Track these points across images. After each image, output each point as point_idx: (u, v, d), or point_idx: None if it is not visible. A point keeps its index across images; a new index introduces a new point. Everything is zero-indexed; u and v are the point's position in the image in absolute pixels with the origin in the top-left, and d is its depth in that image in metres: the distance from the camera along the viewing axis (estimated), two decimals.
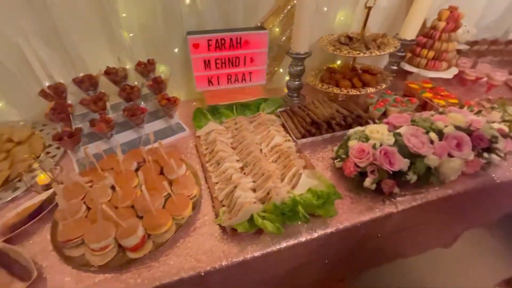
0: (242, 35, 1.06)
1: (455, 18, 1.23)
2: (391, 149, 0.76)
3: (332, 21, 1.26)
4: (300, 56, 1.08)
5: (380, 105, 1.12)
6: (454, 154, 0.80)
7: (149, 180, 0.78)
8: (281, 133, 1.02)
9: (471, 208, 0.97)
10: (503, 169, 0.92)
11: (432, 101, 1.16)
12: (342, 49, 1.10)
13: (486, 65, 1.40)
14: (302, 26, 1.01)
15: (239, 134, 0.99)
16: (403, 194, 0.82)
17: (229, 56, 1.11)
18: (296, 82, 1.18)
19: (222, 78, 1.16)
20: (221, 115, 1.10)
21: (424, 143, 0.79)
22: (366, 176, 0.79)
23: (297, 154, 0.93)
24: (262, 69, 1.19)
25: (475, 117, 0.88)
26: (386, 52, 1.08)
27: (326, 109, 1.05)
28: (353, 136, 0.84)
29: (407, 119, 0.86)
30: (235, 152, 0.95)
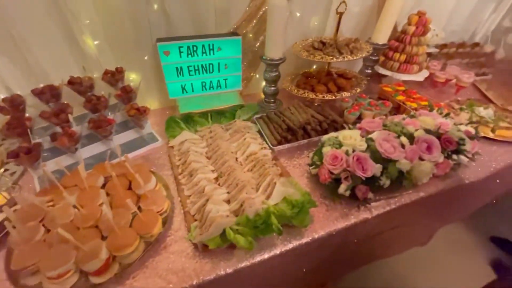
0: (214, 41, 1.04)
1: (423, 23, 1.26)
2: (363, 155, 0.76)
3: (306, 26, 1.26)
4: (274, 62, 1.07)
5: (355, 109, 1.13)
6: (425, 157, 0.81)
7: (117, 196, 0.73)
8: (257, 140, 1.00)
9: (443, 207, 0.99)
10: (472, 169, 0.95)
11: (405, 104, 1.18)
12: (316, 54, 1.10)
13: (455, 67, 1.45)
14: (274, 32, 1.00)
15: (214, 143, 0.97)
16: (377, 199, 0.82)
17: (202, 63, 1.08)
18: (272, 88, 1.17)
19: (196, 85, 1.13)
20: (196, 123, 1.07)
21: (396, 147, 0.80)
22: (341, 182, 0.79)
23: (272, 162, 0.92)
24: (238, 75, 1.17)
25: (443, 120, 0.90)
26: (358, 57, 1.09)
27: (302, 115, 1.04)
28: (327, 142, 0.84)
29: (379, 124, 0.87)
30: (210, 162, 0.92)
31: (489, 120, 1.13)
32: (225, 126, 1.07)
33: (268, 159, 0.91)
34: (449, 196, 0.92)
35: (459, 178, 0.91)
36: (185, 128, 1.03)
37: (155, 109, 1.24)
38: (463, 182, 0.92)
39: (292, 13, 1.15)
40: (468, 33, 1.78)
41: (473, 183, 0.93)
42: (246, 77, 1.29)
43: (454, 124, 0.91)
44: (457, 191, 0.93)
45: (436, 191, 0.87)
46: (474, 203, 1.11)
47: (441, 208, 0.98)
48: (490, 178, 0.96)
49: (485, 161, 0.99)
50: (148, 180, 0.75)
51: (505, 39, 1.76)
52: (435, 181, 0.89)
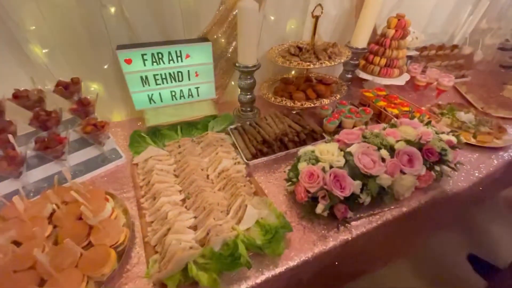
0: (182, 48, 0.96)
1: (402, 26, 1.23)
2: (341, 171, 0.70)
3: (282, 30, 1.20)
4: (248, 70, 1.00)
5: (334, 117, 1.07)
6: (406, 170, 0.76)
7: (64, 229, 0.64)
8: (231, 154, 0.93)
9: (428, 219, 0.95)
10: (455, 179, 0.91)
11: (386, 111, 1.14)
12: (292, 60, 1.04)
13: (435, 70, 1.43)
14: (246, 38, 0.93)
15: (182, 160, 0.88)
16: (358, 217, 0.77)
17: (170, 71, 0.99)
18: (248, 96, 1.10)
19: (165, 95, 1.05)
20: (164, 137, 0.99)
21: (376, 162, 0.74)
22: (318, 201, 0.72)
23: (246, 179, 0.85)
24: (210, 83, 1.09)
25: (425, 129, 0.86)
26: (337, 62, 1.03)
27: (278, 125, 0.98)
28: (303, 158, 0.78)
29: (358, 135, 0.81)
30: (178, 180, 0.84)
31: (470, 125, 1.11)
32: (197, 139, 0.99)
33: (241, 176, 0.84)
34: (433, 207, 0.88)
35: (442, 189, 0.87)
36: (152, 144, 0.94)
37: (122, 120, 1.15)
38: (446, 193, 0.87)
39: (266, 17, 1.08)
40: (447, 35, 1.78)
41: (457, 193, 0.89)
42: (221, 85, 1.21)
43: (435, 133, 0.87)
44: (441, 202, 0.88)
45: (419, 205, 0.83)
46: (459, 211, 1.08)
47: (425, 220, 0.94)
48: (473, 186, 0.93)
49: (468, 169, 0.96)
50: (101, 208, 0.66)
51: (483, 41, 1.77)
52: (418, 194, 0.84)
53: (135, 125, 1.10)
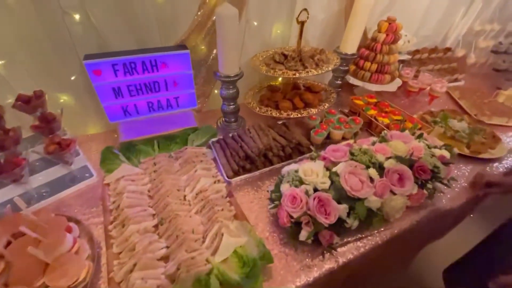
0: (157, 57, 0.89)
1: (393, 30, 1.18)
2: (326, 196, 0.64)
3: (268, 35, 1.13)
4: (230, 79, 0.93)
5: (322, 128, 1.01)
6: (396, 191, 0.71)
7: (16, 267, 0.57)
8: (211, 171, 0.87)
9: (421, 236, 0.90)
10: (448, 195, 0.86)
11: (377, 120, 1.09)
12: (277, 69, 0.97)
13: (428, 75, 1.39)
14: (226, 46, 0.87)
15: (157, 179, 0.82)
16: (345, 242, 0.71)
17: (145, 81, 0.92)
18: (231, 106, 1.04)
19: (141, 107, 0.98)
20: (140, 153, 0.92)
21: (364, 182, 0.69)
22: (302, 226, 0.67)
23: (226, 199, 0.79)
24: (191, 92, 1.02)
25: (416, 144, 0.81)
26: (324, 71, 0.98)
27: (262, 138, 0.92)
28: (286, 178, 0.72)
29: (346, 152, 0.76)
30: (153, 203, 0.77)
31: (464, 135, 1.06)
32: (175, 154, 0.92)
33: (220, 197, 0.78)
34: (427, 225, 0.83)
35: (435, 208, 0.82)
36: (125, 161, 0.87)
37: (98, 133, 1.07)
38: (439, 211, 0.83)
39: (249, 22, 1.02)
40: (440, 37, 1.73)
41: (452, 210, 0.84)
42: (203, 93, 1.14)
43: (427, 148, 0.82)
44: (434, 220, 0.83)
45: (410, 225, 0.78)
46: (454, 224, 1.04)
47: (417, 238, 0.89)
48: (468, 202, 0.88)
49: (462, 183, 0.91)
50: (59, 241, 0.59)
51: (476, 43, 1.73)
52: (409, 213, 0.79)
53: (112, 138, 1.03)
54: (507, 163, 1.02)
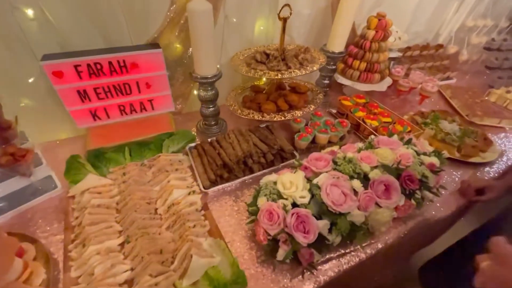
0: (126, 57, 0.81)
1: (383, 26, 1.11)
2: (305, 212, 0.59)
3: (250, 32, 1.06)
4: (206, 81, 0.87)
5: (308, 131, 0.96)
6: (382, 203, 0.66)
7: None
8: (187, 181, 0.80)
9: (407, 248, 0.86)
10: (438, 203, 0.82)
11: (365, 123, 1.03)
12: (258, 69, 0.91)
13: (419, 73, 1.34)
14: (201, 44, 0.80)
15: (126, 191, 0.75)
16: (327, 259, 0.66)
17: (114, 83, 0.85)
18: (210, 108, 0.97)
19: (112, 111, 0.90)
20: (109, 162, 0.85)
21: (347, 195, 0.63)
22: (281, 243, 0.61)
23: (201, 213, 0.73)
24: (166, 94, 0.95)
25: (404, 151, 0.75)
26: (308, 71, 0.91)
27: (242, 144, 0.85)
28: (263, 191, 0.66)
29: (328, 162, 0.70)
30: (120, 218, 0.71)
31: (454, 138, 1.01)
32: (148, 162, 0.86)
33: (194, 210, 0.72)
34: (414, 236, 0.78)
35: (424, 218, 0.78)
36: (92, 171, 0.80)
37: (69, 138, 1.00)
38: (428, 221, 0.78)
39: (228, 18, 0.94)
40: (431, 34, 1.68)
41: (441, 220, 0.80)
42: (182, 94, 1.07)
43: (416, 155, 0.77)
44: (423, 230, 0.79)
45: (397, 237, 0.73)
46: (443, 230, 1.00)
47: (405, 249, 0.84)
48: (458, 210, 0.84)
49: (452, 190, 0.87)
50: (5, 268, 0.53)
51: (468, 40, 1.68)
52: (396, 224, 0.75)
53: (84, 144, 0.95)
54: (498, 167, 0.98)
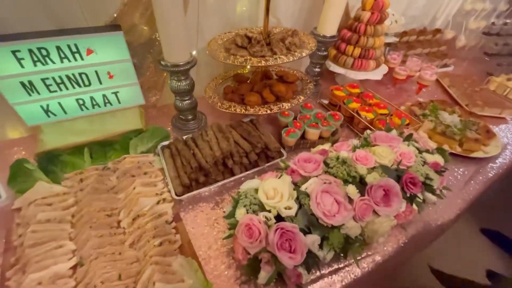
0: (78, 41, 0.68)
1: (380, 7, 1.00)
2: (291, 227, 0.49)
3: (231, 13, 0.93)
4: (179, 69, 0.74)
5: (296, 126, 0.85)
6: (381, 211, 0.57)
7: None
8: (156, 187, 0.70)
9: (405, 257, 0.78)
10: (441, 206, 0.74)
11: (360, 115, 0.94)
12: (238, 55, 0.79)
13: (416, 60, 1.24)
14: (168, 26, 0.67)
15: (83, 201, 0.64)
16: (317, 277, 0.57)
17: (67, 73, 0.71)
18: (185, 101, 0.85)
19: (68, 105, 0.77)
20: (66, 166, 0.72)
21: (341, 203, 0.54)
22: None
23: (171, 225, 0.62)
24: (133, 85, 0.82)
25: (405, 148, 0.66)
26: (296, 57, 0.80)
27: (221, 143, 0.74)
28: (242, 201, 0.55)
29: (319, 163, 0.60)
30: (75, 233, 0.60)
31: (455, 130, 0.93)
32: (113, 165, 0.74)
33: (163, 222, 0.61)
34: (414, 243, 0.70)
35: (425, 223, 0.70)
36: (43, 177, 0.68)
37: (23, 137, 0.86)
38: (430, 226, 0.70)
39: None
40: (428, 18, 1.57)
41: (444, 224, 0.72)
42: (155, 85, 0.94)
43: (418, 152, 0.68)
44: (424, 237, 0.71)
45: (397, 247, 0.65)
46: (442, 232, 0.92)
47: (403, 258, 0.76)
48: (462, 213, 0.76)
49: (455, 191, 0.79)
50: None
51: (466, 24, 1.59)
52: (395, 232, 0.67)
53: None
54: (501, 161, 0.90)
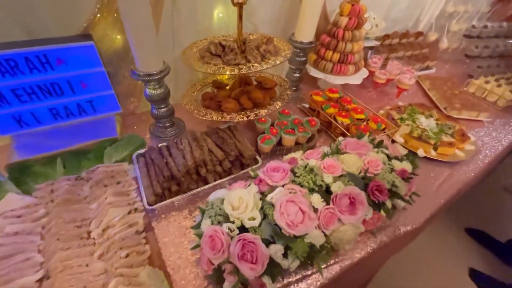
0: (47, 51, 0.68)
1: (357, 13, 1.01)
2: (252, 238, 0.50)
3: (208, 20, 0.94)
4: (152, 78, 0.74)
5: (272, 133, 0.86)
6: (346, 220, 0.58)
7: None
8: (129, 197, 0.70)
9: (377, 261, 0.80)
10: (410, 211, 0.75)
11: (336, 121, 0.95)
12: (212, 63, 0.79)
13: (396, 64, 1.26)
14: (137, 34, 0.67)
15: (53, 212, 0.64)
16: (283, 286, 0.58)
17: (38, 83, 0.71)
18: (161, 109, 0.85)
19: (41, 115, 0.77)
20: (38, 177, 0.72)
21: (305, 213, 0.55)
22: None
23: (142, 236, 0.63)
24: (109, 94, 0.82)
25: (374, 156, 0.67)
26: (270, 65, 0.81)
27: (195, 151, 0.75)
28: (208, 212, 0.56)
29: (286, 173, 0.61)
30: (43, 246, 0.60)
31: (431, 135, 0.95)
32: (87, 175, 0.74)
33: (134, 232, 0.62)
34: (384, 248, 0.72)
35: (395, 228, 0.71)
36: (14, 189, 0.68)
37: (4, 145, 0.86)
38: (400, 231, 0.71)
39: (176, 3, 0.81)
40: (412, 20, 1.59)
41: (413, 229, 0.74)
42: (133, 92, 0.94)
43: (387, 160, 0.69)
44: (393, 242, 0.72)
45: (366, 253, 0.66)
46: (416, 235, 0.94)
47: (374, 262, 0.78)
48: (433, 216, 0.78)
49: (427, 195, 0.80)
50: None
51: (449, 26, 1.61)
52: (364, 238, 0.68)
53: None
54: (474, 166, 0.92)
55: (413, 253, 1.50)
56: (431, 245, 1.62)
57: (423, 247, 1.58)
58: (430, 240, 1.60)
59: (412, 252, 1.44)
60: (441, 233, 1.69)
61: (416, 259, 1.54)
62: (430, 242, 1.61)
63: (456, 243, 1.68)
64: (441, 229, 1.70)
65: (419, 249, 1.54)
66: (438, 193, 0.81)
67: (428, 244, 1.61)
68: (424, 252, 1.59)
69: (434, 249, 1.63)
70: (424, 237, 1.06)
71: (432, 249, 1.62)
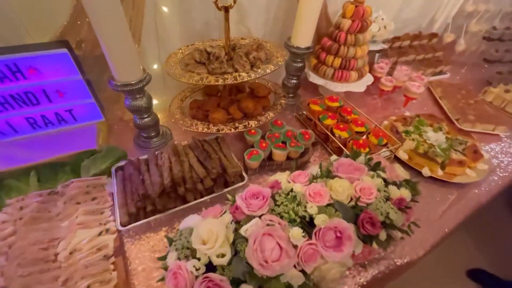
0: (17, 60, 0.64)
1: (360, 15, 0.92)
2: (218, 279, 0.44)
3: (198, 23, 0.87)
4: (131, 89, 0.69)
5: (262, 147, 0.80)
6: (329, 257, 0.51)
7: None
8: (102, 215, 0.66)
9: None
10: (410, 241, 0.67)
11: (333, 134, 0.87)
12: (195, 72, 0.73)
13: (405, 69, 1.15)
14: (111, 41, 0.62)
15: (18, 233, 0.60)
16: None
17: (10, 92, 0.68)
18: (144, 118, 0.81)
19: (18, 124, 0.74)
20: (11, 191, 0.69)
21: (283, 250, 0.48)
22: None
23: (110, 261, 0.58)
24: (89, 102, 0.78)
25: (367, 181, 0.60)
26: (259, 75, 0.74)
27: (175, 167, 0.70)
28: (175, 244, 0.51)
29: (266, 200, 0.55)
30: (7, 268, 0.56)
31: (439, 152, 0.85)
32: (62, 189, 0.70)
33: (100, 258, 0.57)
34: (375, 284, 0.65)
35: (389, 261, 0.64)
36: None
37: None
38: (395, 264, 0.64)
39: (158, 5, 0.75)
40: (426, 19, 1.47)
41: (410, 262, 0.66)
42: (118, 99, 0.90)
43: (383, 185, 0.61)
44: (387, 276, 0.65)
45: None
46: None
47: None
48: (433, 248, 0.70)
49: (430, 222, 0.72)
50: None
51: (467, 27, 1.48)
52: (353, 273, 0.61)
53: None
54: (487, 188, 0.83)
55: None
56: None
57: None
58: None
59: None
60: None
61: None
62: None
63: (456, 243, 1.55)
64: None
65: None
66: (442, 220, 0.73)
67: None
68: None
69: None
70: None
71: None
